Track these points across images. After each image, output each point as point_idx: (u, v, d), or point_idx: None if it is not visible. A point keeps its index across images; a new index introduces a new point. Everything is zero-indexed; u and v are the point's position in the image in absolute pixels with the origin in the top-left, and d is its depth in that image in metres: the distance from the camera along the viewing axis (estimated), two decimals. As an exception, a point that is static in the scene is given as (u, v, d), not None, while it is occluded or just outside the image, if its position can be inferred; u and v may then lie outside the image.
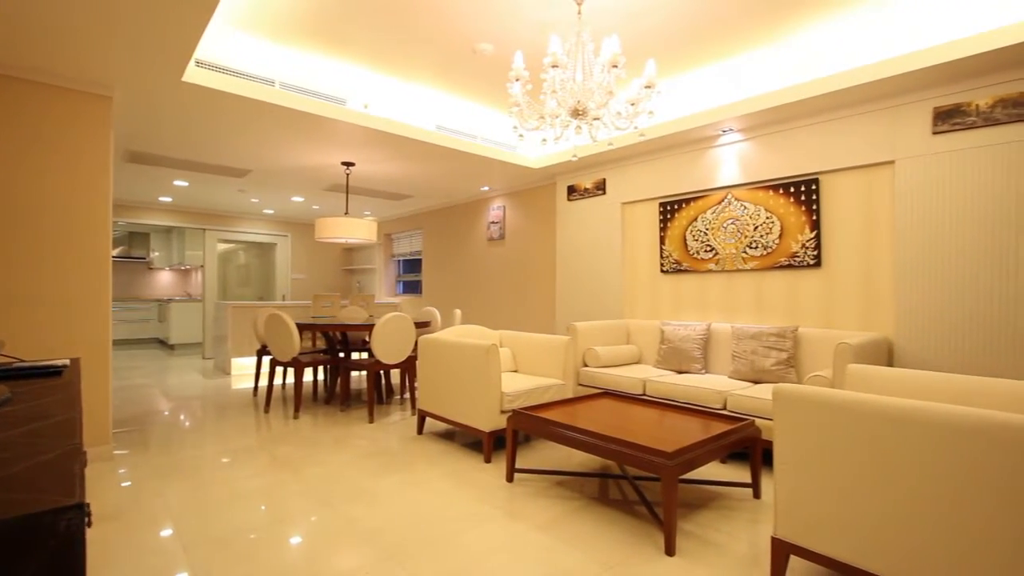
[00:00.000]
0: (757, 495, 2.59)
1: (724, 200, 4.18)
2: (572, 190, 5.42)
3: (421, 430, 3.69)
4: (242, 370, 6.48)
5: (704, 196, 4.32)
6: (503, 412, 3.14)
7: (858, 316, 3.49)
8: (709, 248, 4.26)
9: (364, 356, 6.80)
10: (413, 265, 8.68)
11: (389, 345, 4.07)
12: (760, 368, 3.48)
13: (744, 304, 4.07)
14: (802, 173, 3.73)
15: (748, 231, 4.02)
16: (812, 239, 3.68)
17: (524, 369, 3.92)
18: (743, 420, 2.61)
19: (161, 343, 9.95)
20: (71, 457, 0.70)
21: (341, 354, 4.99)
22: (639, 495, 2.59)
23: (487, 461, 3.07)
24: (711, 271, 4.26)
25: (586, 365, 4.19)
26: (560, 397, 3.53)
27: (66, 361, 1.54)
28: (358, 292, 9.90)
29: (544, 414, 2.76)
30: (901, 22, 2.98)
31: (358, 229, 5.26)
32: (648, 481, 2.78)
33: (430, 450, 3.32)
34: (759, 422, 2.97)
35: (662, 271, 4.61)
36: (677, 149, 4.47)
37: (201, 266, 9.15)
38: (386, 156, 4.95)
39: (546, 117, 2.64)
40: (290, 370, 6.41)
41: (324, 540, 2.11)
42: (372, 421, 4.00)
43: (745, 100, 3.65)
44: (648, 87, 2.58)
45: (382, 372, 5.14)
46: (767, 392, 3.08)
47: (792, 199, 3.78)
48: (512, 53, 3.45)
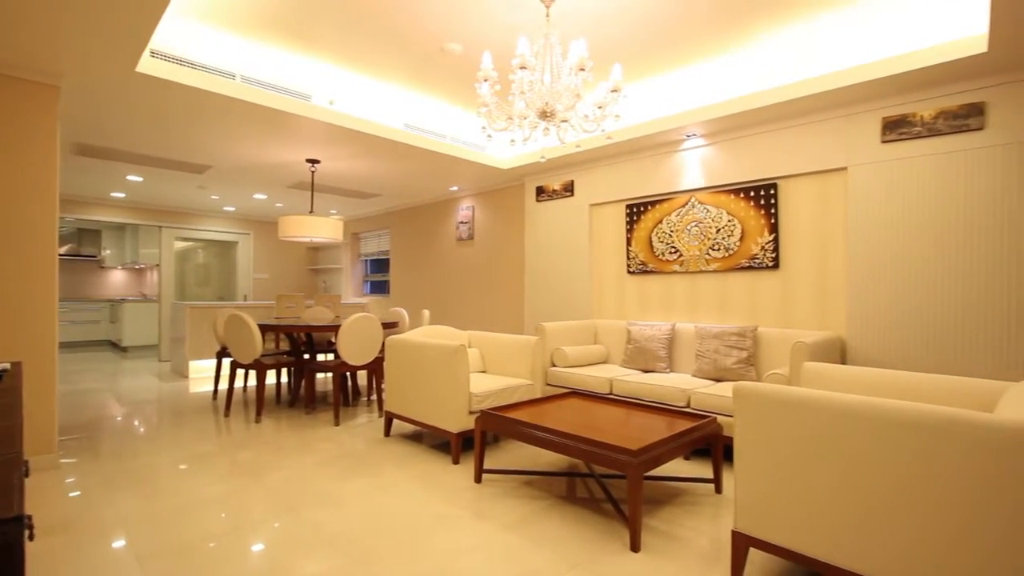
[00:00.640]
0: (719, 490, 2.66)
1: (688, 203, 4.28)
2: (541, 191, 5.46)
3: (388, 432, 3.65)
4: (201, 373, 6.26)
5: (669, 199, 4.41)
6: (471, 413, 3.14)
7: (813, 316, 3.63)
8: (674, 250, 4.36)
9: (330, 357, 6.67)
10: (381, 265, 8.56)
11: (355, 346, 4.00)
12: (722, 367, 3.58)
13: (707, 304, 4.18)
14: (761, 178, 3.86)
15: (711, 233, 4.13)
16: (771, 242, 3.81)
17: (493, 369, 3.92)
18: (706, 417, 2.68)
19: (113, 345, 9.51)
20: (9, 467, 0.66)
21: (306, 356, 4.88)
22: (606, 493, 2.63)
23: (455, 462, 3.06)
24: (676, 272, 4.36)
25: (554, 365, 4.22)
26: (528, 397, 3.54)
27: (6, 365, 1.46)
28: (324, 292, 9.69)
29: (512, 414, 2.77)
30: (853, 35, 3.12)
31: (324, 228, 5.16)
32: (615, 479, 2.83)
33: (397, 452, 3.28)
34: (721, 419, 3.05)
35: (629, 272, 4.69)
36: (643, 152, 4.56)
37: (157, 265, 8.79)
38: (353, 154, 4.87)
39: (514, 118, 2.65)
40: (252, 373, 6.23)
41: (288, 547, 2.06)
42: (338, 424, 3.93)
43: (708, 106, 3.75)
44: (614, 91, 2.62)
45: (348, 374, 5.05)
46: (728, 390, 3.18)
47: (752, 203, 3.91)
48: (481, 53, 3.45)
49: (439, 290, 7.02)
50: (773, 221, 3.80)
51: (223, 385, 5.46)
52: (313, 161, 5.12)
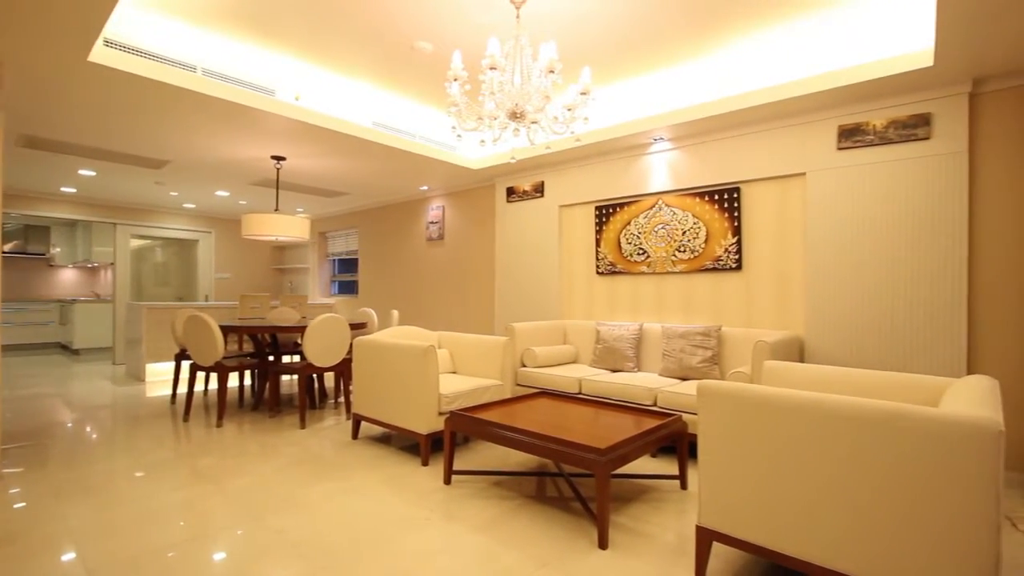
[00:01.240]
0: (684, 486, 2.73)
1: (655, 205, 4.37)
2: (511, 192, 5.47)
3: (356, 435, 3.59)
4: (158, 376, 6.03)
5: (637, 201, 4.49)
6: (441, 414, 3.12)
7: (774, 316, 3.76)
8: (642, 251, 4.44)
9: (296, 359, 6.52)
10: (349, 265, 8.41)
11: (322, 347, 3.93)
12: (687, 366, 3.67)
13: (674, 305, 4.27)
14: (725, 182, 3.97)
15: (677, 235, 4.22)
16: (734, 244, 3.92)
17: (462, 370, 3.91)
18: (671, 416, 2.73)
19: (64, 348, 9.05)
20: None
21: (270, 357, 4.75)
22: (574, 492, 2.65)
23: (424, 464, 3.04)
24: (643, 273, 4.44)
25: (524, 365, 4.24)
26: (498, 397, 3.55)
27: (-57, 370, 1.37)
28: (290, 292, 9.47)
29: (482, 415, 2.77)
30: (811, 46, 3.24)
31: (289, 227, 5.04)
32: (583, 478, 2.86)
33: (365, 455, 3.23)
34: (686, 417, 3.13)
35: (598, 273, 4.75)
36: (612, 155, 4.62)
37: (111, 264, 8.41)
38: (319, 151, 4.77)
39: (484, 118, 2.65)
40: (213, 375, 6.03)
41: (251, 555, 2.01)
42: (304, 427, 3.84)
43: (674, 111, 3.83)
44: (584, 94, 2.65)
45: (315, 376, 4.95)
46: (693, 388, 3.25)
47: (716, 206, 4.01)
48: (451, 53, 3.43)
49: (409, 290, 6.96)
50: (736, 224, 3.91)
51: (182, 389, 5.27)
52: (278, 158, 5.00)
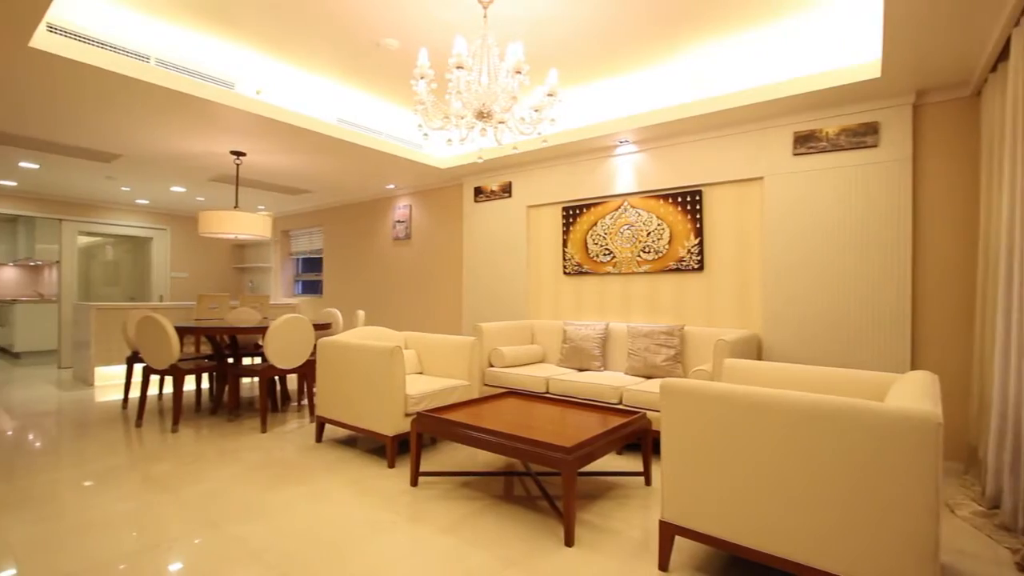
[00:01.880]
0: (648, 482, 2.78)
1: (621, 207, 4.44)
2: (479, 192, 5.46)
3: (320, 438, 3.52)
4: (109, 380, 5.75)
5: (603, 202, 4.55)
6: (407, 415, 3.09)
7: (734, 315, 3.88)
8: (608, 252, 4.51)
9: (257, 361, 6.34)
10: (313, 264, 8.22)
11: (284, 349, 3.83)
12: (652, 364, 3.74)
13: (639, 305, 4.36)
14: (687, 185, 4.07)
15: (642, 237, 4.31)
16: (696, 245, 4.03)
17: (430, 371, 3.88)
18: (636, 413, 2.79)
19: (3, 351, 8.52)
20: None
21: (230, 359, 4.60)
22: (541, 490, 2.67)
23: (391, 466, 3.00)
24: (609, 273, 4.51)
25: (492, 365, 4.24)
26: (466, 398, 3.54)
27: None
28: (251, 292, 9.19)
29: (449, 415, 2.75)
30: (769, 54, 3.36)
31: (250, 224, 4.89)
32: (551, 476, 2.88)
33: (330, 458, 3.17)
34: (650, 414, 3.19)
35: (565, 273, 4.79)
36: (579, 156, 4.67)
37: (56, 262, 7.97)
38: (282, 147, 4.65)
39: (451, 117, 2.64)
40: (169, 379, 5.80)
41: (209, 564, 1.94)
42: (265, 431, 3.74)
43: (638, 114, 3.91)
44: (550, 95, 2.67)
45: (277, 378, 4.82)
46: (657, 386, 3.33)
47: (679, 208, 4.11)
48: (417, 50, 3.40)
49: (375, 290, 6.85)
50: (698, 226, 4.02)
51: (135, 393, 5.05)
52: (238, 153, 4.85)
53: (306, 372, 4.11)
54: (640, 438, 2.71)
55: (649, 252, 4.26)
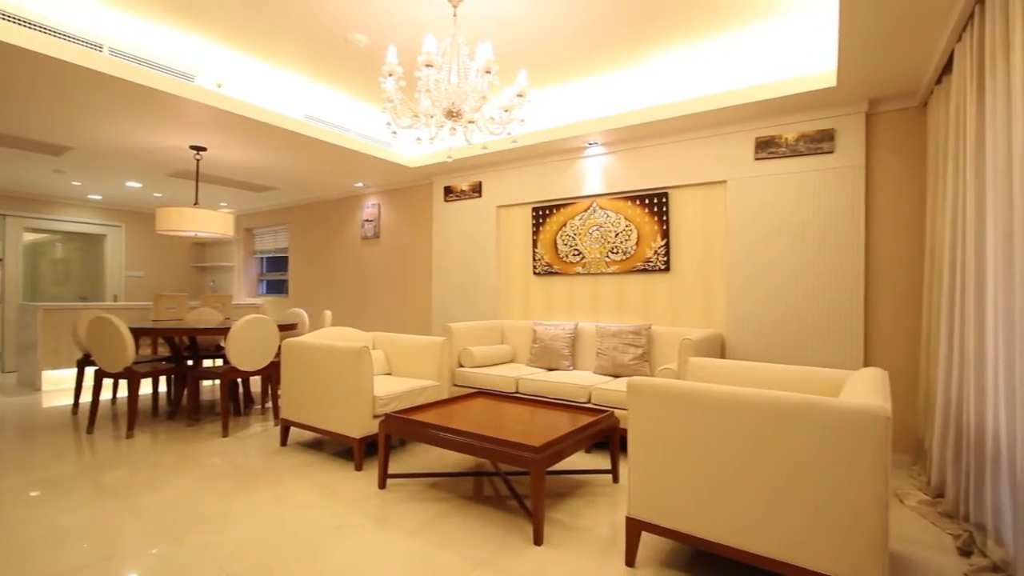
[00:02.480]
0: (616, 479, 2.83)
1: (590, 208, 4.49)
2: (449, 191, 5.43)
3: (285, 441, 3.43)
4: (58, 385, 5.47)
5: (573, 203, 4.60)
6: (375, 417, 3.05)
7: (699, 315, 3.98)
8: (577, 252, 4.55)
9: (219, 363, 6.14)
10: (278, 263, 8.02)
11: (247, 350, 3.72)
12: (620, 363, 3.80)
13: (607, 305, 4.42)
14: (655, 187, 4.16)
15: (610, 237, 4.37)
16: (663, 246, 4.11)
17: (398, 371, 3.84)
18: (605, 412, 2.83)
19: (-62, 355, 7.98)
20: None
21: (189, 362, 4.44)
22: (510, 490, 2.68)
23: (358, 469, 2.96)
24: (579, 274, 4.56)
25: (461, 365, 4.23)
26: (435, 398, 3.52)
27: None
28: (212, 292, 8.89)
29: (418, 416, 2.73)
30: (733, 61, 3.46)
31: (211, 222, 4.73)
32: (520, 475, 2.89)
33: (295, 462, 3.10)
34: (618, 413, 3.24)
35: (535, 273, 4.81)
36: (549, 157, 4.70)
37: (0, 260, 7.53)
38: (245, 143, 4.52)
39: (420, 116, 2.62)
40: (123, 382, 5.55)
41: (168, 575, 1.87)
42: (227, 435, 3.63)
43: (607, 117, 3.96)
44: (520, 96, 2.68)
45: (240, 380, 4.68)
46: (625, 385, 3.38)
47: (647, 210, 4.19)
48: (386, 46, 3.36)
49: (342, 290, 6.74)
50: (665, 227, 4.10)
51: (86, 398, 4.82)
52: (198, 148, 4.68)
53: (270, 374, 4.00)
54: (608, 436, 2.75)
55: (617, 253, 4.33)
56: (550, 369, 4.16)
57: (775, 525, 1.63)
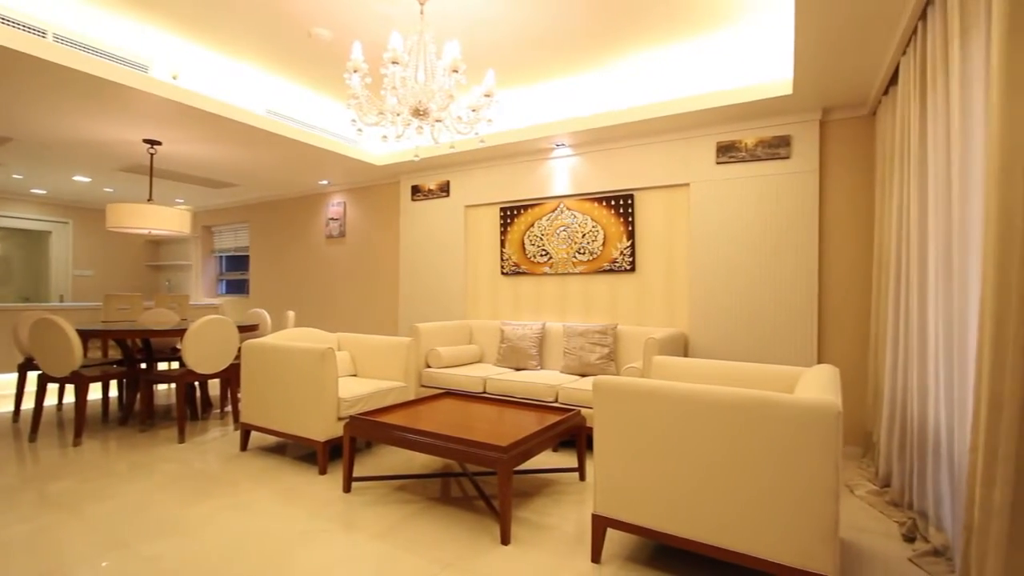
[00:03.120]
0: (583, 477, 2.86)
1: (557, 209, 4.53)
2: (416, 190, 5.38)
3: (245, 446, 3.33)
4: (-4, 390, 5.15)
5: (540, 204, 4.63)
6: (340, 419, 2.99)
7: (663, 314, 4.06)
8: (544, 252, 4.58)
9: (176, 366, 5.91)
10: (239, 262, 7.77)
11: (205, 352, 3.59)
12: (587, 362, 3.85)
13: (574, 305, 4.47)
14: (620, 188, 4.22)
15: (577, 238, 4.42)
16: (628, 247, 4.18)
17: (364, 373, 3.78)
18: (571, 411, 2.86)
19: None
20: None
21: (143, 365, 4.26)
22: (478, 490, 2.68)
23: (322, 473, 2.90)
24: (546, 274, 4.59)
25: (429, 366, 4.20)
26: (402, 400, 3.48)
27: None
28: (168, 292, 8.54)
29: (383, 418, 2.70)
30: (696, 66, 3.55)
31: (166, 219, 4.55)
32: (488, 476, 2.89)
33: (256, 467, 3.01)
34: (585, 411, 3.28)
35: (502, 273, 4.82)
36: (516, 157, 4.72)
37: (-70, 258, 7.04)
38: (202, 137, 4.36)
39: (386, 113, 2.59)
40: (70, 387, 5.27)
41: (114, 587, 1.79)
42: (183, 441, 3.49)
43: (574, 119, 4.00)
44: (488, 95, 2.68)
45: (197, 384, 4.51)
46: (591, 384, 3.42)
47: (613, 211, 4.26)
48: (351, 42, 3.31)
49: (306, 290, 6.58)
50: (630, 228, 4.18)
51: (28, 404, 4.55)
52: (152, 142, 4.49)
53: (230, 377, 3.88)
54: (575, 435, 2.78)
55: (584, 253, 4.38)
56: (518, 369, 4.17)
57: (733, 518, 1.69)
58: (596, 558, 1.97)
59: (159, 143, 4.52)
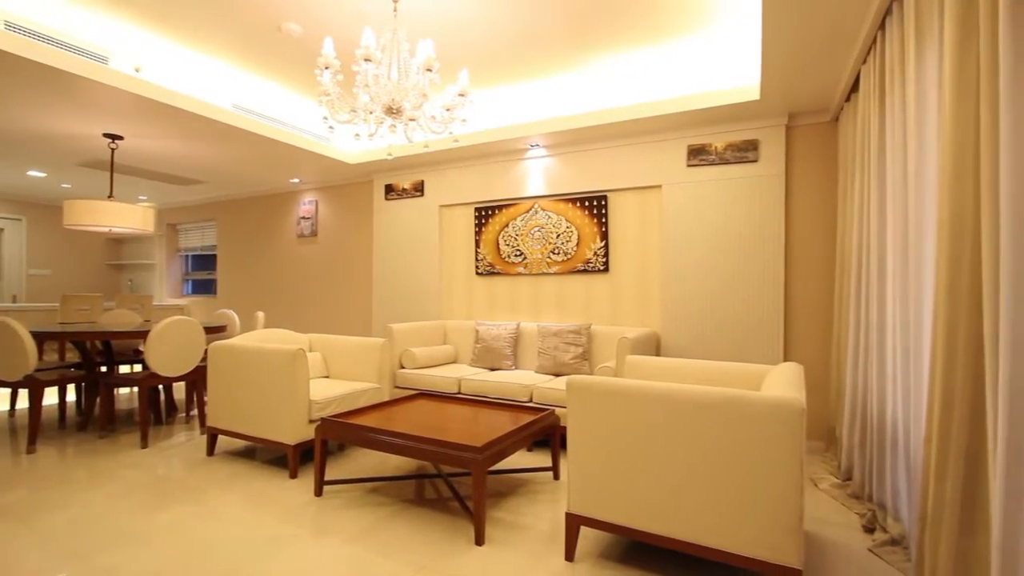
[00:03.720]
0: (557, 476, 2.88)
1: (532, 209, 4.55)
2: (390, 189, 5.33)
3: (212, 451, 3.24)
4: (-58, 396, 4.88)
5: (515, 204, 4.63)
6: (312, 421, 2.94)
7: (636, 314, 4.12)
8: (519, 253, 4.59)
9: (139, 368, 5.71)
10: (206, 261, 7.55)
11: (169, 354, 3.48)
12: (561, 362, 3.87)
13: (548, 304, 4.49)
14: (594, 189, 4.27)
15: (552, 238, 4.44)
16: (602, 248, 4.23)
17: (337, 374, 3.72)
18: (546, 411, 2.87)
19: None
20: None
21: (103, 368, 4.10)
22: (452, 491, 2.66)
23: (293, 477, 2.84)
24: (521, 274, 4.60)
25: (403, 367, 4.16)
26: (375, 401, 3.44)
27: None
28: (130, 292, 8.24)
29: (356, 420, 2.66)
30: (669, 70, 3.61)
31: (128, 216, 4.39)
32: (462, 476, 2.88)
33: (223, 472, 2.93)
34: (559, 411, 3.30)
35: (477, 273, 4.81)
36: (491, 158, 4.71)
37: None
38: (167, 132, 4.22)
39: (359, 111, 2.56)
40: (23, 391, 5.04)
41: (71, 600, 1.72)
42: (146, 446, 3.38)
43: (548, 120, 4.03)
44: (462, 95, 2.67)
45: (162, 387, 4.36)
46: (565, 384, 3.44)
47: (587, 212, 4.29)
48: (322, 37, 3.25)
49: (277, 291, 6.44)
50: (604, 229, 4.22)
51: (-22, 410, 4.33)
52: (113, 137, 4.33)
53: (196, 380, 3.77)
54: (549, 434, 2.80)
55: (558, 254, 4.41)
56: (493, 369, 4.17)
57: (702, 513, 1.72)
58: (570, 556, 1.99)
59: (120, 138, 4.35)
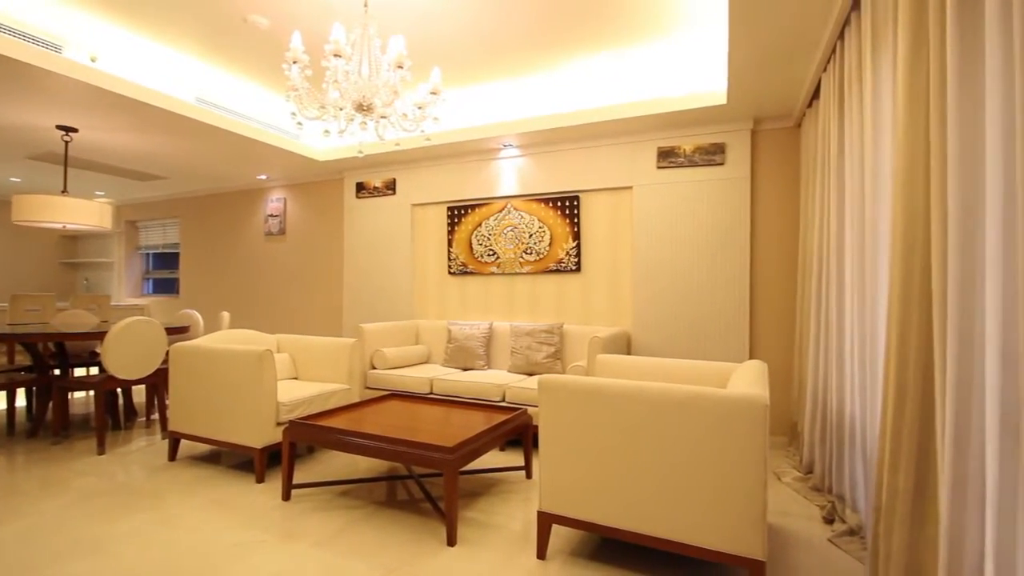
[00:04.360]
0: (529, 475, 2.89)
1: (505, 209, 4.55)
2: (361, 187, 5.25)
3: (174, 456, 3.14)
4: None
5: (488, 204, 4.63)
6: (279, 424, 2.88)
7: (607, 313, 4.17)
8: (492, 252, 4.59)
9: (96, 371, 5.47)
10: (168, 260, 7.30)
11: (128, 356, 3.35)
12: (533, 361, 3.89)
13: (521, 304, 4.50)
14: (567, 190, 4.30)
15: (524, 238, 4.45)
16: (574, 248, 4.26)
17: (306, 376, 3.65)
18: (518, 410, 2.88)
19: None
20: None
21: (55, 371, 3.92)
22: (424, 492, 2.65)
23: (260, 481, 2.77)
24: (493, 274, 4.60)
25: (374, 367, 4.11)
26: (346, 402, 3.39)
27: None
28: (85, 292, 7.89)
29: (325, 422, 2.62)
30: (639, 73, 3.66)
31: (82, 212, 4.21)
32: (434, 477, 2.87)
33: (186, 478, 2.84)
34: (532, 410, 3.32)
35: (450, 273, 4.79)
36: (464, 157, 4.70)
37: None
38: (125, 125, 4.06)
39: (328, 108, 2.51)
40: (-32, 397, 4.77)
41: (20, 615, 1.64)
42: (103, 452, 3.24)
43: (521, 120, 4.04)
44: (434, 93, 2.65)
45: (120, 391, 4.20)
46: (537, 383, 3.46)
47: (559, 212, 4.32)
48: (290, 31, 3.18)
49: (243, 290, 6.27)
50: (576, 229, 4.26)
51: (-83, 416, 4.08)
52: (67, 129, 4.14)
53: (157, 382, 3.64)
54: (522, 434, 2.81)
55: (531, 253, 4.42)
56: (465, 369, 4.16)
57: (670, 508, 1.76)
58: (542, 554, 2.00)
59: (75, 130, 4.17)
